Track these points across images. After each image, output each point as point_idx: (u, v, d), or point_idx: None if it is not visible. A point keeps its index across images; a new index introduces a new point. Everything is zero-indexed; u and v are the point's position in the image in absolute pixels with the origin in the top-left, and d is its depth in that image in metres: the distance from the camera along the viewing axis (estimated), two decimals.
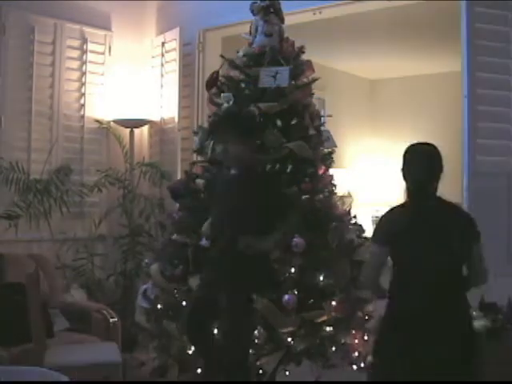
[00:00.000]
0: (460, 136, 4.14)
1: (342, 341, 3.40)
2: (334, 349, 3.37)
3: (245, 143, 3.17)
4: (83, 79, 5.25)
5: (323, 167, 3.64)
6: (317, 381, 3.43)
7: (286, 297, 3.12)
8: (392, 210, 2.74)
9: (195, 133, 3.94)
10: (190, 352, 3.37)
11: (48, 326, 4.06)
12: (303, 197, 3.39)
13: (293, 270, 3.20)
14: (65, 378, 2.21)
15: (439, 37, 5.62)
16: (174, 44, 5.27)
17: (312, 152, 3.52)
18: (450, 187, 4.71)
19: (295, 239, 3.17)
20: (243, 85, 3.67)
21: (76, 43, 5.20)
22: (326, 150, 3.74)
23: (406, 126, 7.50)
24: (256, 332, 3.15)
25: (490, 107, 4.06)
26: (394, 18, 5.35)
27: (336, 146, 3.85)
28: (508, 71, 4.04)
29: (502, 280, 3.60)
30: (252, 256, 3.00)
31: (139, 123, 5.41)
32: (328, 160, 3.70)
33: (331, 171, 3.74)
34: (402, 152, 2.87)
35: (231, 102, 3.58)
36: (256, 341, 3.16)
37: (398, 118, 7.58)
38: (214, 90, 3.86)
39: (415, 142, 2.95)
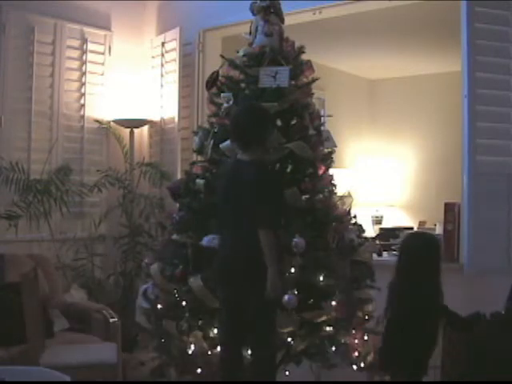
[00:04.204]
0: (460, 136, 4.14)
1: (342, 341, 3.40)
2: (333, 349, 3.37)
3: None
4: (83, 79, 5.25)
5: (323, 167, 3.63)
6: (317, 381, 3.43)
7: (286, 297, 3.11)
8: None
9: (195, 133, 3.93)
10: (190, 352, 3.36)
11: (48, 326, 4.07)
12: (303, 197, 3.39)
13: (293, 270, 3.20)
14: (67, 378, 2.21)
15: (439, 37, 5.62)
16: (174, 44, 5.27)
17: (312, 152, 3.51)
18: (450, 187, 4.74)
19: (295, 239, 3.17)
20: (243, 85, 3.67)
21: (76, 43, 5.21)
22: (326, 150, 3.74)
23: (406, 125, 7.51)
24: None
25: (490, 107, 4.06)
26: (393, 18, 5.35)
27: (336, 146, 3.84)
28: (508, 71, 4.04)
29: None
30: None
31: (139, 123, 5.42)
32: (328, 160, 3.69)
33: (331, 171, 3.73)
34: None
35: (231, 102, 3.58)
36: None
37: (398, 117, 7.58)
38: (213, 90, 3.86)
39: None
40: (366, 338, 3.49)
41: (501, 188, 4.00)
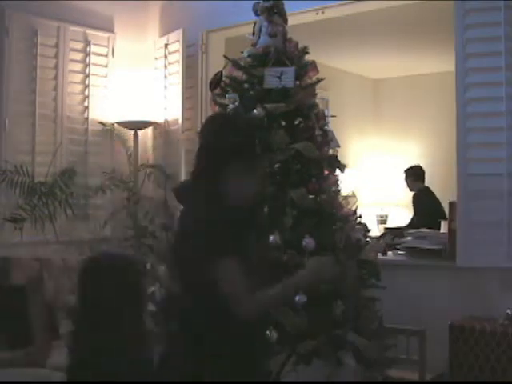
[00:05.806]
0: None
1: (351, 340, 3.39)
2: (342, 349, 3.36)
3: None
4: (87, 81, 5.25)
5: (329, 167, 3.64)
6: (324, 381, 3.42)
7: (297, 297, 3.11)
8: None
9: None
10: None
11: (53, 329, 4.06)
12: (310, 197, 3.39)
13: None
14: None
15: (444, 35, 5.60)
16: (177, 45, 5.27)
17: (318, 152, 3.52)
18: (448, 188, 4.73)
19: (305, 239, 3.18)
20: (247, 85, 3.67)
21: (79, 46, 5.21)
22: (331, 152, 3.74)
23: (411, 124, 7.51)
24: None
25: (485, 108, 4.06)
26: (397, 18, 5.35)
27: (339, 146, 3.84)
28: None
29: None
30: None
31: (143, 125, 5.41)
32: (335, 164, 3.68)
33: (336, 171, 3.73)
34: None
35: (237, 103, 3.57)
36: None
37: (402, 116, 7.58)
38: (217, 91, 3.86)
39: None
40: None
41: (496, 189, 3.97)
